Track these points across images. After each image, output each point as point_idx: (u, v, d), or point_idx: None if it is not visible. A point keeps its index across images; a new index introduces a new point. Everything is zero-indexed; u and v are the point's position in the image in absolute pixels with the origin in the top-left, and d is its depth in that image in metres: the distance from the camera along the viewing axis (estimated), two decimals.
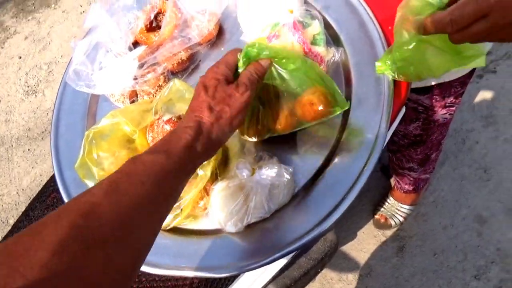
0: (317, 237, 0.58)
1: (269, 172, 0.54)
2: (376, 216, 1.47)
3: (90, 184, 0.65)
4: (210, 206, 0.58)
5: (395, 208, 1.45)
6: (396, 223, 1.45)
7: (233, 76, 0.55)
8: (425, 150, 1.11)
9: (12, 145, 1.98)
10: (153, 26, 0.75)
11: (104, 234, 0.35)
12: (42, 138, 1.95)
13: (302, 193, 0.61)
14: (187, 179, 0.49)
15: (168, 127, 0.63)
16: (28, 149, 1.94)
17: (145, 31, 0.74)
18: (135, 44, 0.76)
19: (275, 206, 0.57)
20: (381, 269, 1.43)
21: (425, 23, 0.47)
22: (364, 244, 1.48)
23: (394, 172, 1.34)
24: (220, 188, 0.56)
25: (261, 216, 0.56)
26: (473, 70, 0.85)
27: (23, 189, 1.87)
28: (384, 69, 0.61)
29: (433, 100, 0.90)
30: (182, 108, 0.66)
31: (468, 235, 1.42)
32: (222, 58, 0.56)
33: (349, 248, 1.49)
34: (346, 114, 0.63)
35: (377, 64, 0.62)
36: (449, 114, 0.95)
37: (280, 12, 0.63)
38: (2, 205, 1.85)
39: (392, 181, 1.48)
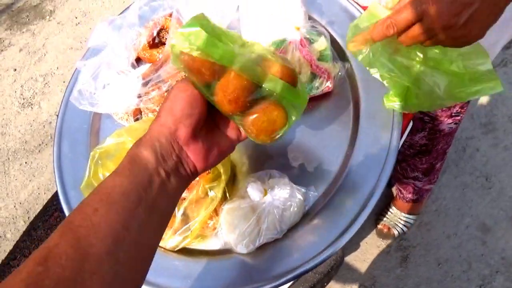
0: (328, 258, 0.57)
1: (281, 193, 0.53)
2: (379, 226, 1.47)
3: None
4: (220, 226, 0.57)
5: (398, 218, 1.44)
6: (399, 233, 1.44)
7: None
8: (430, 159, 1.10)
9: (8, 158, 1.95)
10: (156, 42, 0.74)
11: (66, 275, 0.33)
12: (39, 151, 1.93)
13: (313, 211, 0.60)
14: (159, 193, 0.42)
15: None
16: (25, 162, 1.91)
17: (148, 48, 0.73)
18: (138, 61, 0.75)
19: (287, 226, 0.56)
20: (385, 280, 1.42)
21: (371, 31, 0.50)
22: (368, 254, 1.47)
23: (398, 181, 1.34)
24: (230, 209, 0.55)
25: (273, 237, 0.54)
26: None
27: (20, 203, 1.84)
28: (392, 103, 0.61)
29: (439, 110, 0.90)
30: None
31: (472, 244, 1.41)
32: None
33: (352, 258, 1.48)
34: (355, 130, 0.63)
35: (385, 100, 0.61)
36: (455, 124, 0.95)
37: (284, 28, 0.62)
38: None
39: (394, 190, 1.48)
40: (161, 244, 0.62)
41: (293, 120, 0.47)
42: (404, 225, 1.44)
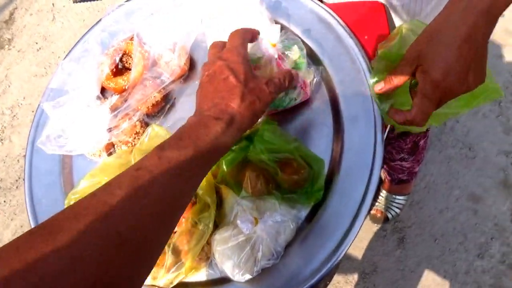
0: (333, 265, 0.56)
1: (273, 219, 0.51)
2: (372, 212, 1.47)
3: None
4: (214, 257, 0.55)
5: (389, 201, 1.45)
6: (393, 216, 1.45)
7: None
8: (413, 138, 1.11)
9: None
10: (120, 69, 0.70)
11: (120, 240, 0.33)
12: (16, 187, 1.86)
13: (306, 225, 0.58)
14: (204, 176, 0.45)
15: None
16: (4, 201, 1.84)
17: (112, 76, 0.69)
18: (103, 91, 0.71)
19: (283, 248, 0.54)
20: (385, 264, 1.43)
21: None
22: (365, 241, 1.47)
23: (386, 165, 1.34)
24: (222, 238, 0.53)
25: (271, 262, 0.52)
26: None
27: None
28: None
29: None
30: None
31: (465, 215, 1.43)
32: (239, 38, 0.51)
33: (350, 247, 1.48)
34: (338, 132, 0.61)
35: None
36: None
37: (259, 44, 0.58)
38: None
39: (382, 174, 1.48)
40: (154, 283, 0.59)
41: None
42: (396, 207, 1.45)
